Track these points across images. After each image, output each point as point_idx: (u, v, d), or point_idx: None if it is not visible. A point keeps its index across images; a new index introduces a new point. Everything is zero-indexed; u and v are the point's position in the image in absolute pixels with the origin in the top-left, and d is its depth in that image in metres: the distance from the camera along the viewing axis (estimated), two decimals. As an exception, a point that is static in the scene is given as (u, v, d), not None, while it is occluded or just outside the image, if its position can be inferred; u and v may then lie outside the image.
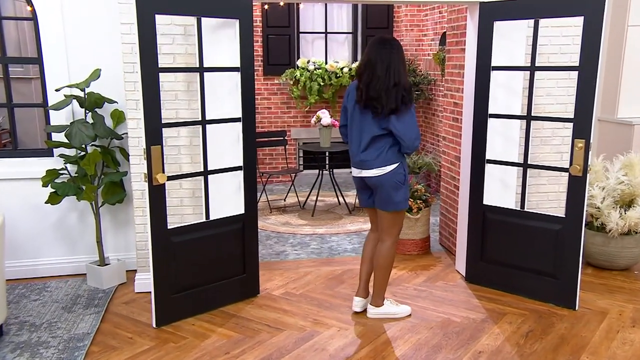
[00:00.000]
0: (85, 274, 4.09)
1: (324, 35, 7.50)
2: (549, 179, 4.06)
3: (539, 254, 3.68)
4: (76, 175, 3.89)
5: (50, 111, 3.95)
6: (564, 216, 3.55)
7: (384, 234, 3.37)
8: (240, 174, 3.60)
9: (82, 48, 3.95)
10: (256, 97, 6.25)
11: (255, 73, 7.13)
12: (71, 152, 3.99)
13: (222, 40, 3.48)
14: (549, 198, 4.10)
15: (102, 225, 4.09)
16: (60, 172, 3.89)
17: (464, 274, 4.12)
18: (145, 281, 3.80)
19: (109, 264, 4.00)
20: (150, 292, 3.38)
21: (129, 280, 4.05)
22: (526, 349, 3.12)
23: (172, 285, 3.38)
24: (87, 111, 3.88)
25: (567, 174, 3.52)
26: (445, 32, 5.96)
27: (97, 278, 3.94)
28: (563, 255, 3.58)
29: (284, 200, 6.52)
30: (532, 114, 3.66)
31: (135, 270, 4.01)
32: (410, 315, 3.53)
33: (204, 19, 3.33)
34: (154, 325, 3.36)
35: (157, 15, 3.09)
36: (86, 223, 4.16)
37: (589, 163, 3.39)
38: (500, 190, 3.94)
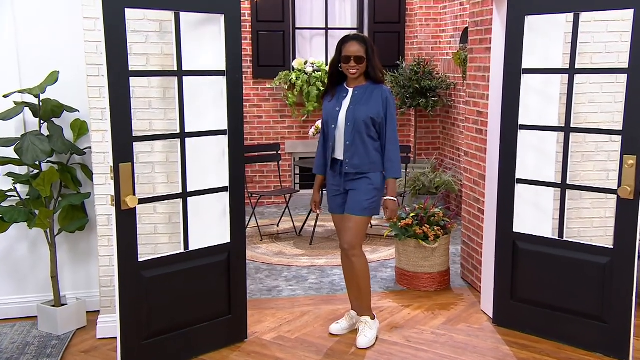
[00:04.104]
0: (36, 316, 4.03)
1: (324, 31, 7.53)
2: (593, 202, 4.05)
3: (583, 293, 3.64)
4: (27, 197, 3.87)
5: (-2, 121, 3.93)
6: (612, 247, 3.53)
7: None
8: (225, 196, 3.60)
9: (37, 46, 3.95)
10: (244, 104, 6.22)
11: (244, 76, 7.12)
12: (22, 170, 3.97)
13: (205, 39, 3.49)
14: (593, 225, 4.09)
15: (58, 257, 4.05)
16: (8, 194, 3.86)
17: (491, 316, 4.09)
18: (110, 325, 3.75)
19: (65, 305, 3.95)
20: (115, 338, 3.33)
21: (90, 323, 4.00)
22: (569, 408, 3.07)
23: (143, 330, 3.35)
24: (42, 121, 3.86)
25: (614, 196, 3.50)
26: (467, 28, 5.99)
27: (51, 321, 3.88)
28: (612, 294, 3.54)
29: (277, 225, 6.50)
30: (572, 125, 3.66)
31: (98, 312, 3.96)
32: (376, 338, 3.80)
33: (182, 14, 3.33)
34: (120, 379, 3.30)
35: (127, 9, 3.09)
36: (39, 255, 4.12)
37: (641, 183, 3.37)
38: (534, 216, 3.92)
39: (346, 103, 3.63)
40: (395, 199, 3.66)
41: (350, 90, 3.65)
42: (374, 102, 3.59)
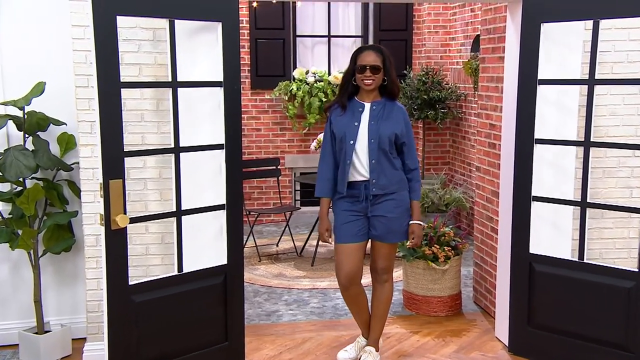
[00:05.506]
0: (17, 344, 4.02)
1: (326, 39, 7.57)
2: (615, 221, 4.03)
3: (605, 319, 3.62)
4: (10, 216, 3.87)
5: (-20, 135, 3.93)
6: (638, 270, 3.52)
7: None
8: (222, 214, 3.59)
9: (21, 55, 3.96)
10: (242, 116, 6.26)
11: (241, 87, 7.14)
12: (4, 187, 3.96)
13: (201, 48, 3.50)
14: (616, 246, 4.06)
15: (42, 280, 4.04)
16: (-10, 212, 3.88)
17: (506, 343, 4.08)
18: (97, 353, 3.73)
19: (49, 331, 3.94)
20: (104, 368, 3.29)
21: (76, 351, 3.98)
22: None
23: (133, 358, 3.33)
24: (26, 135, 3.87)
25: (639, 215, 3.50)
26: (478, 36, 6.00)
27: (34, 350, 3.86)
28: (637, 321, 3.52)
29: (277, 245, 6.50)
30: (592, 139, 3.65)
31: (85, 339, 3.94)
32: None
33: (177, 22, 3.34)
34: (108, 412, 3.27)
35: (119, 17, 3.10)
36: (21, 278, 4.12)
37: (667, 202, 3.36)
38: (552, 236, 3.90)
39: (365, 118, 3.58)
40: (422, 223, 3.70)
41: (367, 105, 3.60)
42: (395, 119, 3.58)
